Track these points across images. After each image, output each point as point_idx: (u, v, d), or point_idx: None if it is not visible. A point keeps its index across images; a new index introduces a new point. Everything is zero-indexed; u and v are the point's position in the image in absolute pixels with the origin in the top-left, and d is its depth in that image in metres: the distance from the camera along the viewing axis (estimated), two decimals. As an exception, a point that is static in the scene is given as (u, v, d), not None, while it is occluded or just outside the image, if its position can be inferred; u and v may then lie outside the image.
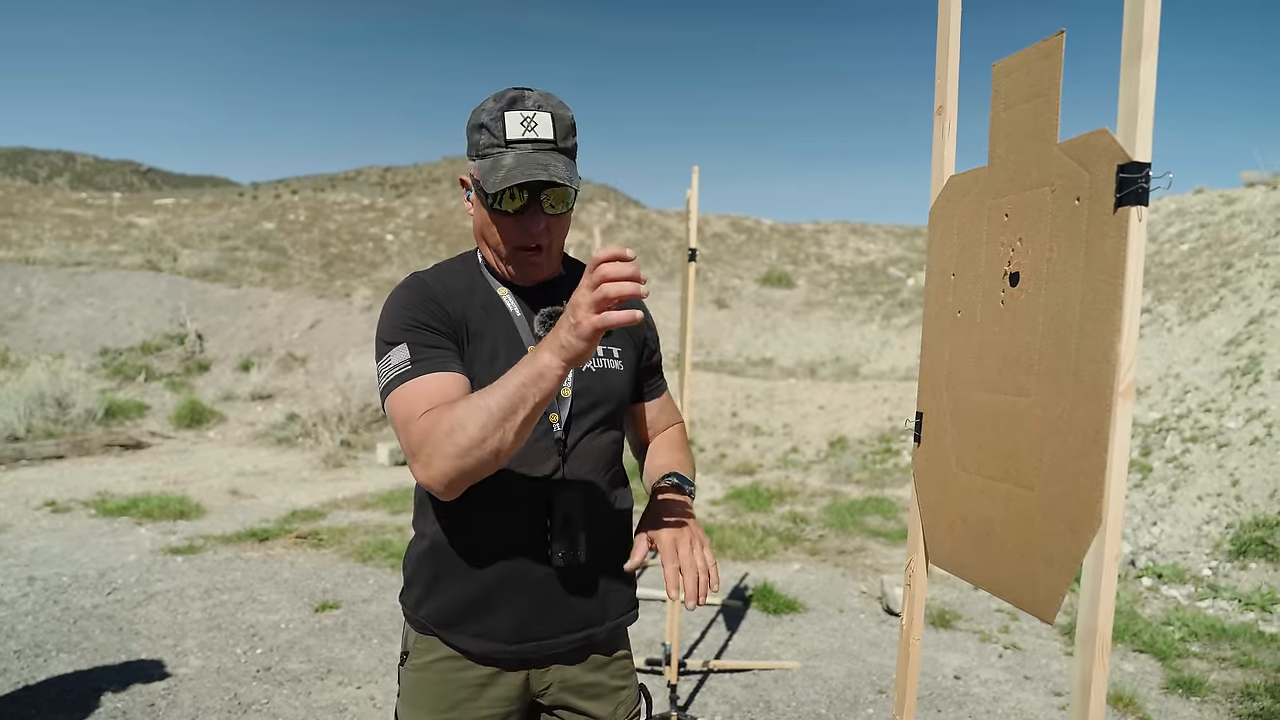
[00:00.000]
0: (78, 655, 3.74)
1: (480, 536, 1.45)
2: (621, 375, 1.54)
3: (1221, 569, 5.05)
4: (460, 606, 1.47)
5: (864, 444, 9.13)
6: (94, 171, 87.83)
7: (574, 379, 1.48)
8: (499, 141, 1.40)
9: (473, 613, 1.47)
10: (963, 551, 1.34)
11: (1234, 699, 3.67)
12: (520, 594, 1.45)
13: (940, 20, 1.38)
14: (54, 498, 6.41)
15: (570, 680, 1.53)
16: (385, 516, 6.37)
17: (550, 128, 1.41)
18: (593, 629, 1.51)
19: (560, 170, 1.38)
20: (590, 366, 1.49)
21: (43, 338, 10.92)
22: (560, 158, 1.41)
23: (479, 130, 1.41)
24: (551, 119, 1.41)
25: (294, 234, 16.41)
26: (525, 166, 1.37)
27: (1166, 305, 8.93)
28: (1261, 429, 5.94)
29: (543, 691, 1.53)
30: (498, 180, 1.36)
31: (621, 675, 1.59)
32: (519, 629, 1.46)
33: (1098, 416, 1.03)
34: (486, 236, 1.48)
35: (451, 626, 1.48)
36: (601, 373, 1.51)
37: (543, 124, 1.41)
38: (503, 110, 1.40)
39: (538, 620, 1.46)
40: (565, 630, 1.48)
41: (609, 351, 1.53)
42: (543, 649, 1.48)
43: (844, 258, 18.24)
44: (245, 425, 9.72)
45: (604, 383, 1.51)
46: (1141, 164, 0.97)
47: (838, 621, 4.59)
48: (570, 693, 1.53)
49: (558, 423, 1.46)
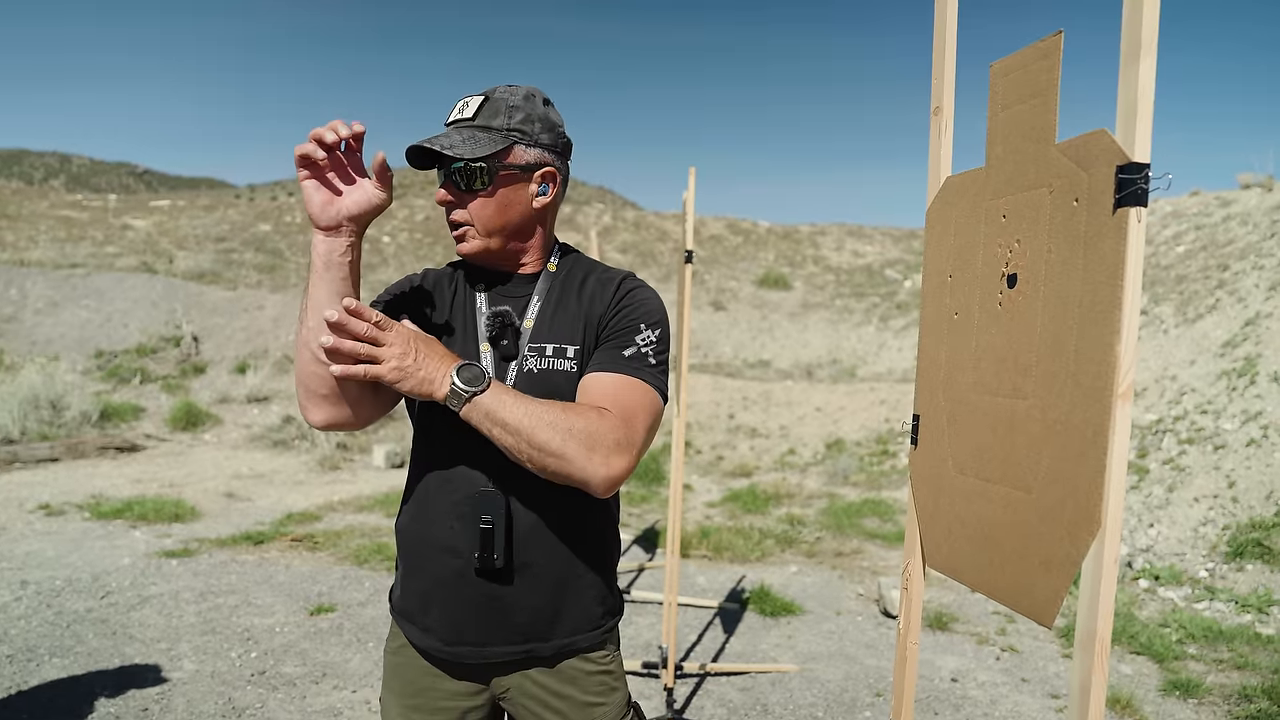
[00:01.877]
0: (71, 659, 3.72)
1: (428, 533, 1.46)
2: (570, 376, 1.45)
3: (1218, 571, 5.05)
4: (410, 599, 1.50)
5: (861, 446, 9.13)
6: (90, 173, 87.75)
7: (515, 379, 1.43)
8: (445, 123, 1.46)
9: (419, 608, 1.49)
10: (960, 555, 1.33)
11: (1231, 701, 3.67)
12: (457, 597, 1.44)
13: (937, 20, 1.37)
14: (48, 501, 6.38)
15: (533, 689, 1.49)
16: (381, 519, 6.36)
17: (476, 108, 1.43)
18: (535, 644, 1.46)
19: (450, 141, 1.38)
20: (533, 366, 1.44)
21: (37, 340, 10.89)
22: (466, 132, 1.40)
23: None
24: (483, 100, 1.43)
25: (290, 236, 16.39)
26: (424, 141, 1.39)
27: (1163, 307, 8.94)
28: (1258, 430, 5.95)
29: (504, 694, 1.51)
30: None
31: (597, 691, 1.52)
32: (454, 631, 1.45)
33: (1096, 419, 1.02)
34: None
35: (405, 615, 1.52)
36: (545, 373, 1.44)
37: (471, 105, 1.44)
38: (462, 100, 1.46)
39: (473, 626, 1.44)
40: (504, 641, 1.45)
41: (559, 350, 1.45)
42: (478, 655, 1.46)
43: (841, 260, 18.25)
44: (241, 428, 9.69)
45: (547, 383, 1.43)
46: (1140, 165, 0.97)
47: (835, 624, 4.58)
48: (533, 700, 1.50)
49: None
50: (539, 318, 1.48)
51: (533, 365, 1.44)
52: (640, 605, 4.76)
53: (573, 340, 1.47)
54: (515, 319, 1.46)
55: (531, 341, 1.46)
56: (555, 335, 1.47)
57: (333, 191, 1.33)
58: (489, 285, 1.51)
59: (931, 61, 1.39)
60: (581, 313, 1.48)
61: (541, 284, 1.51)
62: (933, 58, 1.39)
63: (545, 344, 1.46)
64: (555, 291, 1.51)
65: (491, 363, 1.45)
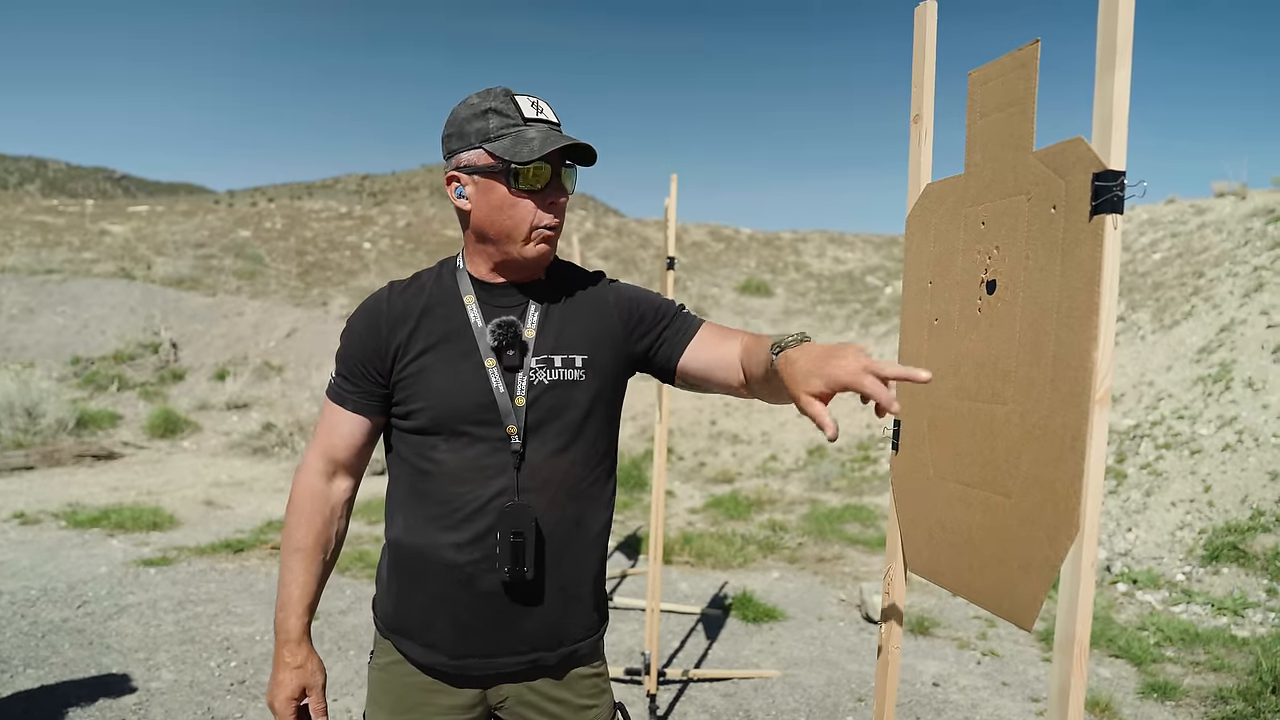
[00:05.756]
0: (45, 670, 3.67)
1: (432, 547, 1.43)
2: (581, 386, 1.45)
3: (1195, 574, 5.10)
4: (408, 615, 1.48)
5: (842, 452, 9.16)
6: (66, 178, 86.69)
7: (526, 389, 1.43)
8: (516, 120, 1.38)
9: (419, 623, 1.46)
10: (941, 559, 1.34)
11: (1208, 703, 3.70)
12: (465, 610, 1.43)
13: (916, 28, 1.39)
14: (23, 509, 6.29)
15: (530, 696, 1.50)
16: (362, 527, 6.32)
17: (553, 114, 1.44)
18: (541, 652, 1.47)
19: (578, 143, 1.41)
20: (543, 378, 1.43)
21: (12, 346, 10.75)
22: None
23: (485, 116, 1.39)
24: (550, 108, 1.44)
25: (270, 242, 16.27)
26: (554, 138, 1.37)
27: (1140, 313, 9.03)
28: (1233, 435, 6.02)
29: (500, 704, 1.51)
30: (532, 150, 1.35)
31: (590, 694, 1.54)
32: (461, 644, 1.44)
33: (1075, 424, 1.04)
34: (497, 225, 1.41)
35: (400, 633, 1.49)
36: (556, 384, 1.44)
37: (547, 110, 1.43)
38: (509, 96, 1.40)
39: (481, 638, 1.44)
40: (511, 651, 1.45)
41: (568, 361, 1.45)
42: (486, 666, 1.45)
43: (822, 266, 18.32)
44: (220, 435, 9.60)
45: (557, 395, 1.44)
46: (1117, 172, 0.98)
47: (817, 629, 4.59)
48: (529, 708, 1.50)
49: (515, 435, 1.41)
50: (541, 327, 1.46)
51: (542, 377, 1.43)
52: (623, 611, 4.75)
53: (582, 350, 1.47)
54: (521, 329, 1.44)
55: (537, 353, 1.44)
56: (562, 345, 1.45)
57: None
58: (476, 294, 1.47)
59: (911, 69, 1.41)
60: (593, 326, 1.49)
61: (536, 291, 1.48)
62: (913, 66, 1.40)
63: (553, 355, 1.44)
64: (548, 299, 1.49)
65: (499, 375, 1.43)
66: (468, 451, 1.41)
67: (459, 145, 1.41)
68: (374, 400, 1.47)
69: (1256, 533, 5.16)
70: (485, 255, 1.46)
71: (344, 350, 1.49)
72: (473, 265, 1.49)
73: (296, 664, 1.46)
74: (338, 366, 1.49)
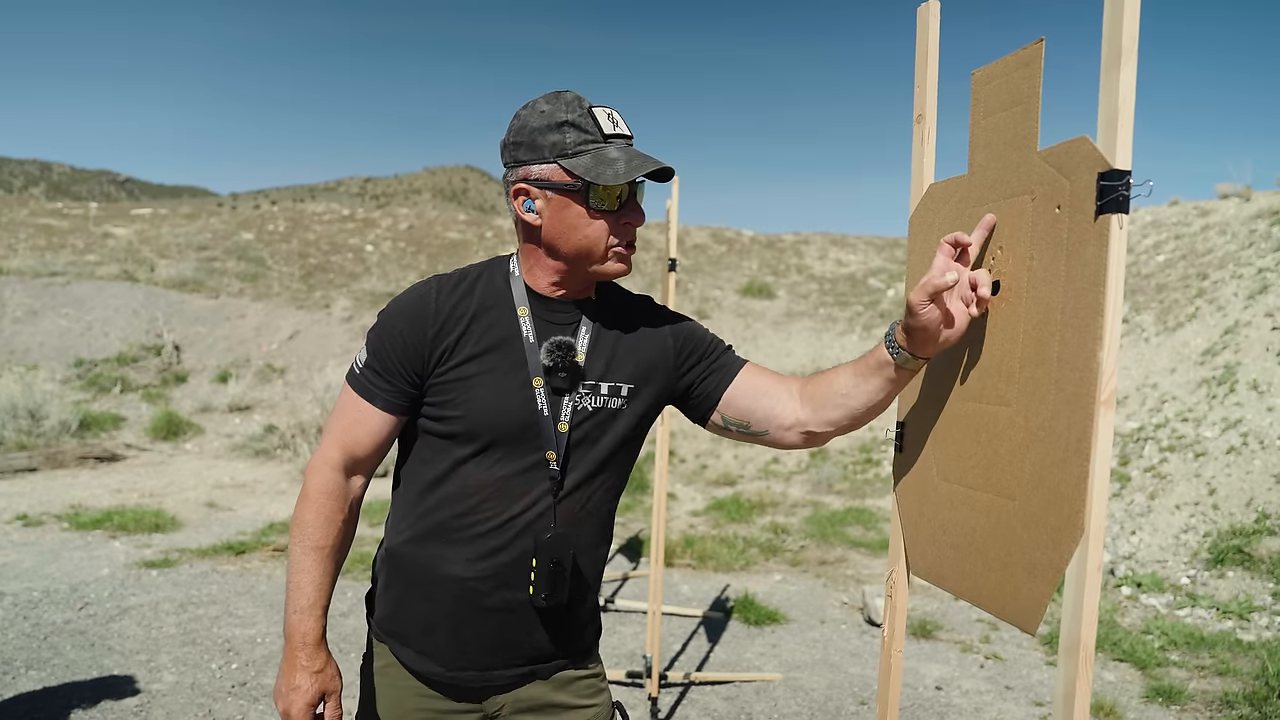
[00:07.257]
0: (47, 672, 3.67)
1: (439, 558, 1.41)
2: (621, 416, 1.44)
3: (1199, 577, 5.08)
4: (406, 621, 1.46)
5: (845, 454, 9.14)
6: (70, 181, 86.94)
7: (570, 415, 1.41)
8: (595, 137, 1.35)
9: (417, 630, 1.44)
10: (944, 562, 1.33)
11: (1213, 707, 3.69)
12: (466, 624, 1.42)
13: (919, 28, 1.38)
14: (26, 511, 6.29)
15: (529, 699, 1.49)
16: (363, 529, 6.31)
17: (627, 126, 1.40)
18: (537, 664, 1.47)
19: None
20: (588, 404, 1.42)
21: (16, 349, 10.77)
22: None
23: (562, 129, 1.34)
24: (624, 120, 1.41)
25: (273, 244, 16.29)
26: (638, 159, 1.34)
27: (1144, 315, 9.01)
28: (1237, 438, 6.00)
29: (497, 713, 1.50)
30: (617, 174, 1.32)
31: (587, 694, 1.54)
32: (460, 657, 1.43)
33: (1080, 425, 1.03)
34: (572, 242, 1.37)
35: (396, 637, 1.47)
36: (598, 412, 1.43)
37: (622, 123, 1.39)
38: (585, 108, 1.36)
39: (482, 652, 1.43)
40: (509, 665, 1.45)
41: (615, 389, 1.44)
42: (481, 679, 1.45)
43: (824, 269, 18.31)
44: (223, 437, 9.61)
45: (597, 422, 1.43)
46: (1122, 172, 0.97)
47: (819, 632, 4.58)
48: (529, 711, 1.49)
49: (555, 460, 1.40)
50: (591, 350, 1.43)
51: (587, 404, 1.42)
52: (624, 614, 4.74)
53: (630, 379, 1.45)
54: (576, 352, 1.40)
55: (586, 378, 1.42)
56: (611, 373, 1.44)
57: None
58: (530, 306, 1.42)
59: (914, 69, 1.40)
60: (645, 356, 1.47)
61: (588, 311, 1.45)
62: (915, 65, 1.39)
63: (600, 381, 1.43)
64: (600, 319, 1.46)
65: (545, 396, 1.39)
66: (496, 469, 1.39)
67: (530, 157, 1.35)
68: (404, 399, 1.41)
69: (1262, 536, 5.14)
70: (552, 269, 1.41)
71: (379, 344, 1.40)
72: (530, 277, 1.44)
73: (316, 668, 1.39)
74: (369, 360, 1.41)
